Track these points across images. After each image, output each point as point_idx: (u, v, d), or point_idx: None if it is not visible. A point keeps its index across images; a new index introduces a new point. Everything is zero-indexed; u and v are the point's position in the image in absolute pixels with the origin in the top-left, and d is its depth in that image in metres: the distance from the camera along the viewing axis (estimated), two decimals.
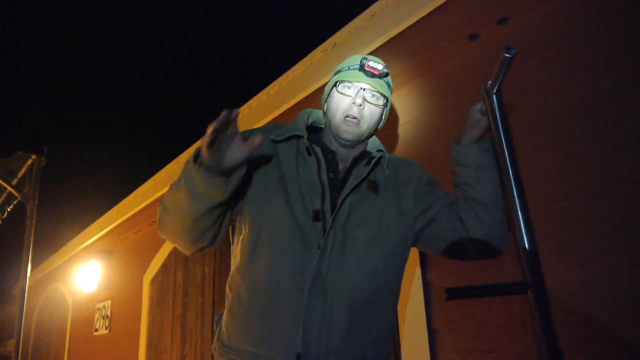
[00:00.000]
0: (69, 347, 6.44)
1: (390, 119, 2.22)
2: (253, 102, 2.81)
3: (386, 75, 1.19)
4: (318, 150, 1.15)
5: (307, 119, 1.25)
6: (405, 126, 2.14)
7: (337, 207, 1.09)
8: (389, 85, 1.21)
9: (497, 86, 0.97)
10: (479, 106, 1.08)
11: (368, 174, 1.16)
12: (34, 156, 4.58)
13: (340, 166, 1.20)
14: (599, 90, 1.50)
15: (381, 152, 1.22)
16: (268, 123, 1.29)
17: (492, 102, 0.99)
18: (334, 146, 1.22)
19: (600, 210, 1.44)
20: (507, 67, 0.92)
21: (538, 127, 1.64)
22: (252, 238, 1.10)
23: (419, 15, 1.84)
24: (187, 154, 3.52)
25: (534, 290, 0.89)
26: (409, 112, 2.14)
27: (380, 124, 1.23)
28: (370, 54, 2.06)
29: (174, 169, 3.71)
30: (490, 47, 1.84)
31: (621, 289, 1.36)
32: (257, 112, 2.77)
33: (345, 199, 1.11)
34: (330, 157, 1.19)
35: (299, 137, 1.18)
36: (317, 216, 1.08)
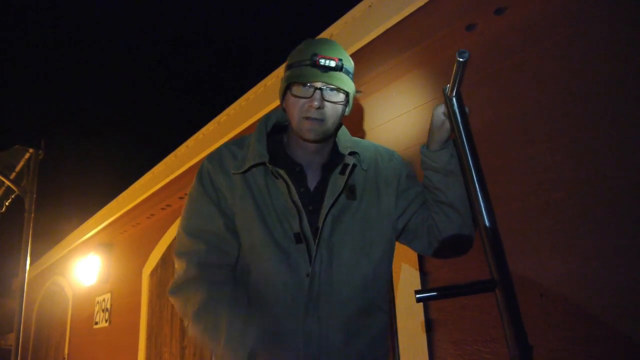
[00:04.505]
0: (69, 340, 6.47)
1: (387, 110, 2.22)
2: (250, 94, 2.81)
3: (341, 67, 1.08)
4: (283, 172, 1.09)
5: (267, 126, 1.19)
6: (402, 117, 2.14)
7: (320, 229, 1.08)
8: (348, 73, 1.11)
9: (455, 89, 1.02)
10: (441, 109, 1.10)
11: (345, 184, 1.12)
12: (31, 149, 4.58)
13: (310, 176, 1.15)
14: (598, 80, 1.49)
15: (354, 157, 1.15)
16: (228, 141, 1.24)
17: (452, 105, 1.04)
18: (300, 156, 1.16)
19: (598, 200, 1.44)
20: (462, 70, 0.97)
21: (536, 117, 1.64)
22: (245, 270, 1.13)
23: (416, 6, 1.83)
24: (185, 147, 3.52)
25: (502, 287, 0.92)
26: (406, 103, 2.13)
27: (346, 112, 1.15)
28: (368, 44, 2.06)
29: (172, 161, 3.71)
30: (487, 38, 1.83)
31: (619, 282, 1.36)
32: (255, 104, 2.76)
33: (326, 218, 1.09)
34: (298, 169, 1.14)
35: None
36: (299, 238, 1.08)
